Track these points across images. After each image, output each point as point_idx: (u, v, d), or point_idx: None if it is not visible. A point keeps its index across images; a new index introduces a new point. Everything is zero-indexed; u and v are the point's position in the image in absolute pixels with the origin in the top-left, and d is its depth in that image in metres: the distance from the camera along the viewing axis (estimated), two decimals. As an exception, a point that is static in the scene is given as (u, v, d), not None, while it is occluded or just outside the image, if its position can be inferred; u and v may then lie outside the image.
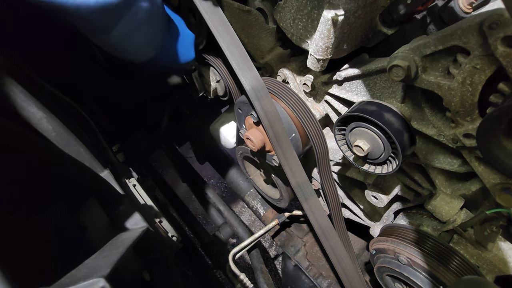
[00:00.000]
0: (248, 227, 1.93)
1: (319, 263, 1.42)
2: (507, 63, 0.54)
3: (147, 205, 1.01)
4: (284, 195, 1.36)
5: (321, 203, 1.33)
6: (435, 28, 0.88)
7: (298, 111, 0.90)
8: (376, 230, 1.12)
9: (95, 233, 0.84)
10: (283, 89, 0.93)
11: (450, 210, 0.86)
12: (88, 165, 0.84)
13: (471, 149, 0.70)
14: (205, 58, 1.15)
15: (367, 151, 0.78)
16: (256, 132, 0.98)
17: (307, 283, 1.41)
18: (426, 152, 0.83)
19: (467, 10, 0.81)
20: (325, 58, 0.80)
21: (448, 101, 0.66)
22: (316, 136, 0.92)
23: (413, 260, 0.87)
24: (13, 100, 0.76)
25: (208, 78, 1.15)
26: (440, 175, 0.86)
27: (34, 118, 0.79)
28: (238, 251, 1.41)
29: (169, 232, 1.01)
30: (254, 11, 0.96)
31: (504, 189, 0.69)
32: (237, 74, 0.86)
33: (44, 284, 0.47)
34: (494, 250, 0.84)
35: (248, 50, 1.07)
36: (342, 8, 0.69)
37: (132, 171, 1.13)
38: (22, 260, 0.63)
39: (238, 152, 1.42)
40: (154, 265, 0.94)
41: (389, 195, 0.94)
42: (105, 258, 0.56)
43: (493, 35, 0.53)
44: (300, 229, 1.58)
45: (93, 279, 0.46)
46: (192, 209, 2.26)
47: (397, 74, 0.68)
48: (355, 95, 0.87)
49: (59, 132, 0.81)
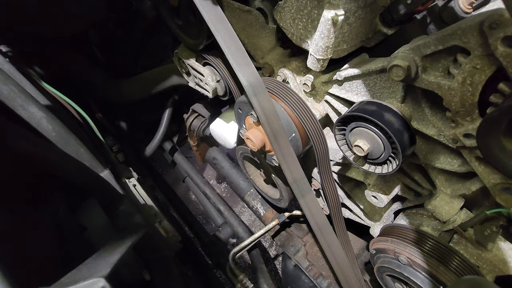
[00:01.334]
0: (248, 227, 1.93)
1: (319, 263, 1.42)
2: (507, 63, 0.54)
3: (147, 205, 1.01)
4: (284, 195, 1.36)
5: (321, 203, 1.33)
6: (435, 28, 0.88)
7: (298, 111, 0.90)
8: (376, 230, 1.12)
9: (95, 233, 0.84)
10: (283, 89, 0.93)
11: (450, 210, 0.86)
12: (88, 165, 0.84)
13: (471, 149, 0.70)
14: (205, 58, 1.15)
15: (367, 151, 0.78)
16: (256, 132, 0.98)
17: (307, 283, 1.41)
18: (426, 152, 0.83)
19: (467, 10, 0.81)
20: (325, 58, 0.80)
21: (448, 101, 0.66)
22: (316, 136, 0.92)
23: (413, 260, 0.87)
24: (13, 100, 0.76)
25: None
26: (440, 175, 0.86)
27: (34, 118, 0.79)
28: (238, 251, 1.41)
29: (169, 232, 1.01)
30: (254, 11, 0.96)
31: (504, 189, 0.69)
32: (235, 70, 0.86)
33: (44, 284, 0.47)
34: (494, 250, 0.83)
35: (248, 50, 1.07)
36: (342, 8, 0.69)
37: (132, 171, 1.13)
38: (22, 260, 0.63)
39: (238, 152, 1.42)
40: (154, 265, 0.94)
41: (389, 195, 0.94)
42: (105, 258, 0.57)
43: (493, 35, 0.53)
44: (300, 229, 1.58)
45: (93, 279, 0.46)
46: (192, 209, 2.26)
47: (397, 74, 0.68)
48: (355, 95, 0.87)
49: (59, 132, 0.81)
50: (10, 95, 0.77)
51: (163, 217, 1.04)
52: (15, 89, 0.78)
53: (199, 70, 1.19)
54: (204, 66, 1.19)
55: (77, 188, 0.86)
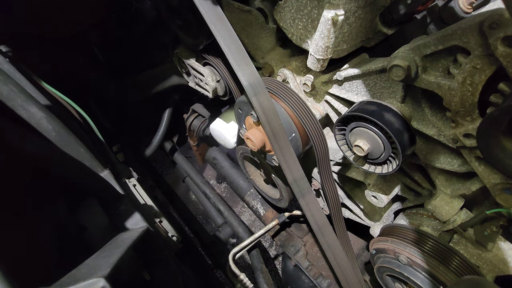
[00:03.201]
0: (248, 227, 1.93)
1: (319, 263, 1.42)
2: (507, 63, 0.54)
3: (147, 205, 1.01)
4: (284, 195, 1.36)
5: (321, 203, 1.33)
6: (435, 28, 0.88)
7: (298, 111, 0.90)
8: (376, 230, 1.12)
9: (95, 233, 0.84)
10: (283, 89, 0.93)
11: (450, 210, 0.86)
12: (88, 165, 0.84)
13: (471, 149, 0.70)
14: (205, 58, 1.15)
15: (367, 151, 0.78)
16: (256, 132, 0.98)
17: (307, 283, 1.41)
18: (426, 152, 0.83)
19: (467, 10, 0.81)
20: (325, 58, 0.80)
21: (448, 101, 0.66)
22: (316, 135, 0.92)
23: (413, 260, 0.87)
24: (13, 100, 0.76)
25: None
26: (440, 175, 0.86)
27: (34, 118, 0.79)
28: (238, 251, 1.41)
29: (169, 232, 1.01)
30: (254, 11, 0.96)
31: (504, 189, 0.69)
32: (235, 70, 0.86)
33: (44, 284, 0.47)
34: (494, 250, 0.83)
35: (248, 50, 1.07)
36: (342, 8, 0.69)
37: (132, 171, 1.13)
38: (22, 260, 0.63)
39: (238, 152, 1.42)
40: (154, 265, 0.94)
41: (389, 195, 0.94)
42: (105, 258, 0.57)
43: (493, 35, 0.53)
44: (300, 229, 1.58)
45: (93, 279, 0.46)
46: (192, 209, 2.26)
47: (397, 74, 0.68)
48: (355, 95, 0.87)
49: (59, 132, 0.81)
50: (10, 95, 0.77)
51: (163, 217, 1.04)
52: (15, 89, 0.78)
53: (199, 70, 1.19)
54: (204, 66, 1.19)
55: (77, 188, 0.86)
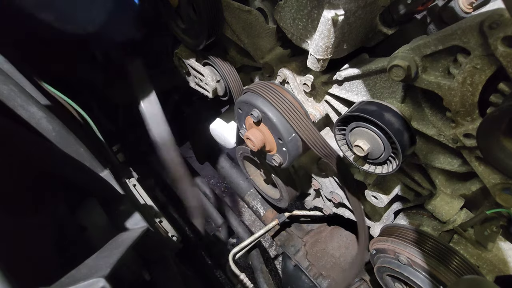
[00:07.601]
0: (248, 227, 1.93)
1: (319, 263, 1.42)
2: (507, 63, 0.54)
3: (147, 205, 1.01)
4: (284, 195, 1.36)
5: (321, 203, 1.33)
6: (435, 28, 0.88)
7: (288, 116, 0.90)
8: (376, 230, 1.12)
9: (95, 233, 0.84)
10: (271, 92, 0.92)
11: (450, 210, 0.86)
12: (88, 165, 0.84)
13: (471, 149, 0.70)
14: (205, 58, 1.15)
15: (367, 151, 0.78)
16: (256, 132, 0.98)
17: (307, 283, 1.41)
18: (426, 152, 0.83)
19: (467, 10, 0.81)
20: (325, 58, 0.80)
21: (448, 101, 0.66)
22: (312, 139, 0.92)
23: (413, 260, 0.87)
24: (13, 100, 0.76)
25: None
26: (440, 175, 0.86)
27: (34, 118, 0.79)
28: (238, 251, 1.41)
29: (169, 232, 1.01)
30: (254, 11, 0.96)
31: (504, 189, 0.69)
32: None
33: (44, 284, 0.47)
34: (494, 250, 0.83)
35: (248, 50, 1.07)
36: (342, 8, 0.69)
37: (132, 171, 1.13)
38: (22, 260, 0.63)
39: (238, 152, 1.42)
40: (154, 265, 0.94)
41: (389, 195, 0.94)
42: (105, 258, 0.57)
43: (493, 35, 0.53)
44: (300, 229, 1.58)
45: (93, 279, 0.46)
46: (192, 209, 2.26)
47: (397, 74, 0.68)
48: (355, 95, 0.87)
49: (59, 132, 0.81)
50: (10, 95, 0.77)
51: (163, 217, 1.04)
52: (15, 89, 0.78)
53: (199, 70, 1.19)
54: (204, 66, 1.19)
55: (77, 188, 0.86)
